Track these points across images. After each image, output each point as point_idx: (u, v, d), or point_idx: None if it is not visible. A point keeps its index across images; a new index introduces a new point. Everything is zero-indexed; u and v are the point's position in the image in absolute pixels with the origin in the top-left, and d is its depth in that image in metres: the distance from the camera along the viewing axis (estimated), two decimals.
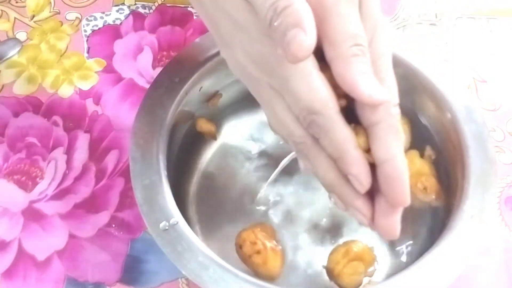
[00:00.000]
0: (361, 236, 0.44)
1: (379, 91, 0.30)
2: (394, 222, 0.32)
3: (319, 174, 0.33)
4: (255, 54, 0.32)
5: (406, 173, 0.31)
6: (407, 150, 0.45)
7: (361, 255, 0.42)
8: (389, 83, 0.33)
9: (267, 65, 0.32)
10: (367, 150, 0.32)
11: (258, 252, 0.41)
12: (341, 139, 0.31)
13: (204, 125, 0.49)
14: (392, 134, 0.31)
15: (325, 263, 0.43)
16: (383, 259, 0.44)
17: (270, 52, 0.31)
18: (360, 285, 0.42)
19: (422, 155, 0.45)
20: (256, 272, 0.41)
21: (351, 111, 0.32)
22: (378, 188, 0.32)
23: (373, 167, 0.32)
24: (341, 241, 0.45)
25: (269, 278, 0.41)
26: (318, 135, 0.32)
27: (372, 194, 0.33)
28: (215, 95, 0.49)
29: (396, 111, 0.32)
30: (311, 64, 0.31)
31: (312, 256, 0.45)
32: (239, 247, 0.42)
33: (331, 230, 0.46)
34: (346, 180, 0.32)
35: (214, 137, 0.50)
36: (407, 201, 0.32)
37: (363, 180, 0.32)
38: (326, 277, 0.43)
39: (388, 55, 0.33)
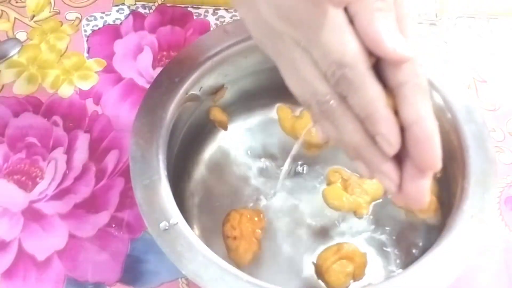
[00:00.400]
0: (356, 241, 0.45)
1: (404, 47, 0.29)
2: (423, 188, 0.31)
3: (344, 136, 0.31)
4: (282, 5, 0.31)
5: (436, 134, 0.30)
6: None
7: (352, 255, 0.42)
8: (412, 45, 0.31)
9: (295, 16, 0.30)
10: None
11: (234, 238, 0.43)
12: (371, 96, 0.30)
13: (217, 114, 0.49)
14: (420, 94, 0.30)
15: (314, 261, 0.43)
16: (375, 267, 0.44)
17: (300, 2, 0.30)
18: (346, 286, 0.42)
19: None
20: (227, 254, 0.43)
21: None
22: (406, 154, 0.30)
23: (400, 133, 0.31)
24: (333, 243, 0.45)
25: (235, 265, 0.42)
26: (346, 92, 0.30)
27: (399, 161, 0.31)
28: (221, 88, 0.49)
29: (422, 71, 0.31)
30: (342, 17, 0.30)
31: (302, 253, 0.45)
32: (222, 223, 0.44)
33: (325, 232, 0.46)
34: (373, 142, 0.31)
35: (225, 127, 0.50)
36: (438, 164, 0.30)
37: (393, 140, 0.30)
38: (313, 276, 0.43)
39: (409, 19, 0.32)
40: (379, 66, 0.31)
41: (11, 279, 0.45)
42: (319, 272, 0.43)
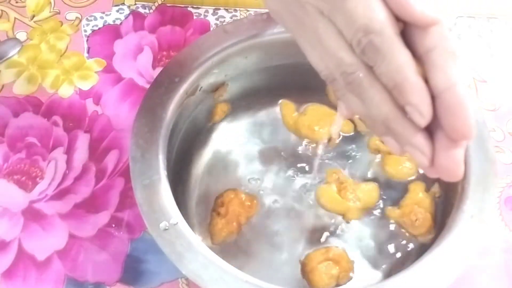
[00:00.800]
0: (346, 246, 0.45)
1: (432, 9, 0.28)
2: (457, 159, 0.29)
3: (372, 109, 0.30)
4: None
5: (469, 101, 0.28)
6: (414, 180, 0.46)
7: (338, 259, 0.43)
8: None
9: None
10: None
11: (218, 214, 0.45)
12: (400, 63, 0.28)
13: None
14: (450, 60, 0.28)
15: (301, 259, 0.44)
16: (361, 274, 0.44)
17: None
18: None
19: (428, 189, 0.46)
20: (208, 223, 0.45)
21: None
22: (437, 124, 0.29)
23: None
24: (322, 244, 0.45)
25: (210, 237, 0.45)
26: (373, 61, 0.29)
27: (430, 132, 0.30)
28: (222, 85, 0.49)
29: (451, 36, 0.29)
30: None
31: (287, 250, 0.45)
32: (216, 197, 0.46)
33: (315, 233, 0.46)
34: (403, 114, 0.29)
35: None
36: (472, 132, 0.28)
37: (424, 110, 0.28)
38: (297, 274, 0.44)
39: None
40: (405, 33, 0.29)
41: (11, 279, 0.45)
42: (304, 270, 0.43)
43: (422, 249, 0.42)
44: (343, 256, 0.43)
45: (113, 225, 0.48)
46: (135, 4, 0.61)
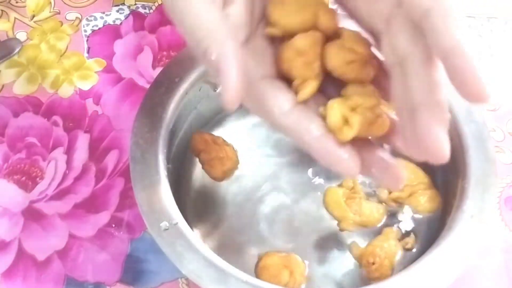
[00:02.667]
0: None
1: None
2: (440, 137, 0.30)
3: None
4: None
5: (476, 62, 0.27)
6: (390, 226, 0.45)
7: (293, 268, 0.42)
8: None
9: None
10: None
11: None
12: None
13: None
14: (450, 17, 0.27)
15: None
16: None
17: None
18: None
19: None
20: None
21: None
22: (416, 105, 0.29)
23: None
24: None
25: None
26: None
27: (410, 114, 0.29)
28: None
29: None
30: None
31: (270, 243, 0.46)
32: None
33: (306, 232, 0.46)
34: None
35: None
36: (487, 94, 0.27)
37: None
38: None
39: None
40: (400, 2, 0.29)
41: (11, 279, 0.45)
42: (257, 265, 0.43)
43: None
44: (300, 267, 0.43)
45: (113, 225, 0.48)
46: (135, 4, 0.61)
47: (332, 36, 0.32)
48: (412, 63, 0.29)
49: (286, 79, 0.32)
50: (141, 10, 0.60)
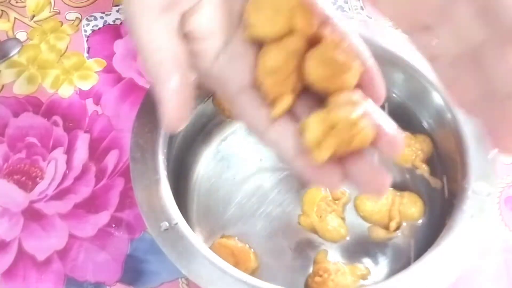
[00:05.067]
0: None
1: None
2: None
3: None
4: None
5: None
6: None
7: (238, 254, 0.43)
8: None
9: None
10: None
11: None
12: None
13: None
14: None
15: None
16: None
17: None
18: None
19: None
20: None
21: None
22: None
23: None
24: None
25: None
26: None
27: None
28: None
29: None
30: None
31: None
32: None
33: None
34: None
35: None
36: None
37: None
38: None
39: None
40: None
41: (11, 279, 0.45)
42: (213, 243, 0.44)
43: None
44: (246, 263, 0.43)
45: (113, 225, 0.48)
46: None
47: (312, 39, 0.31)
48: (491, 49, 0.26)
49: None
50: None
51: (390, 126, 0.30)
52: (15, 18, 0.60)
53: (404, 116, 0.49)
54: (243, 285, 0.37)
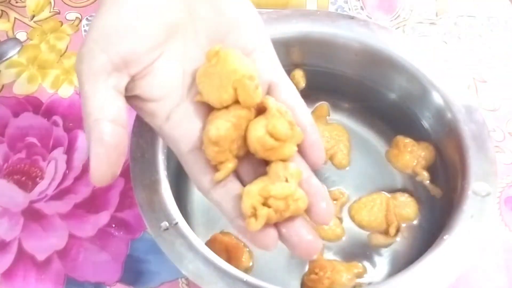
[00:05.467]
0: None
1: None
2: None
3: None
4: None
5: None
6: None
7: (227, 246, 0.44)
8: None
9: None
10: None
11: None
12: None
13: None
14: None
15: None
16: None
17: None
18: None
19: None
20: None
21: None
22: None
23: None
24: None
25: None
26: None
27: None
28: None
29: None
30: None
31: None
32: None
33: None
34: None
35: None
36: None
37: None
38: None
39: None
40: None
41: (11, 279, 0.45)
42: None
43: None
44: (239, 260, 0.43)
45: (113, 225, 0.48)
46: None
47: (259, 108, 0.33)
48: None
49: None
50: None
51: (322, 197, 0.32)
52: (15, 18, 0.60)
53: (405, 118, 0.49)
54: (243, 285, 0.37)
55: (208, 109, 0.33)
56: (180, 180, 0.47)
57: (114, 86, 0.31)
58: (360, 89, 0.50)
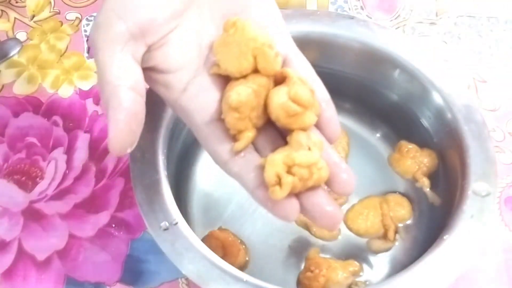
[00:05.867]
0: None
1: None
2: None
3: None
4: None
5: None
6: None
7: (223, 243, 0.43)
8: None
9: None
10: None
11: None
12: None
13: None
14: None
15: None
16: None
17: None
18: None
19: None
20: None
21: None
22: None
23: None
24: None
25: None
26: None
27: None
28: None
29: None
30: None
31: None
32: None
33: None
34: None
35: None
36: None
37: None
38: None
39: None
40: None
41: (11, 279, 0.45)
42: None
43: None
44: (234, 255, 0.43)
45: (113, 225, 0.48)
46: None
47: (277, 77, 0.33)
48: None
49: None
50: None
51: (342, 168, 0.32)
52: (15, 18, 0.60)
53: (405, 118, 0.49)
54: (243, 285, 0.37)
55: (224, 82, 0.33)
56: (180, 180, 0.47)
57: (131, 54, 0.31)
58: (360, 89, 0.50)
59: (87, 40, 0.58)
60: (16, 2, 0.61)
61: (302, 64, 0.34)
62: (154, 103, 0.44)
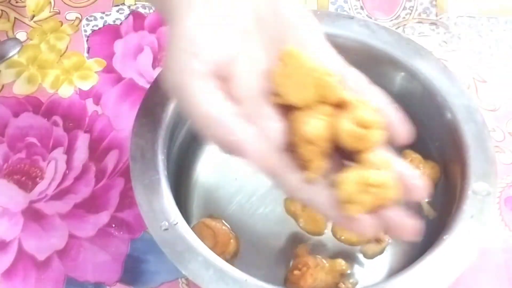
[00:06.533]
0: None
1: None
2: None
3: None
4: None
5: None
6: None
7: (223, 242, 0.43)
8: None
9: None
10: None
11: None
12: None
13: None
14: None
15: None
16: None
17: None
18: None
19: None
20: None
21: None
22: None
23: None
24: None
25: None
26: None
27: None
28: None
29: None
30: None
31: None
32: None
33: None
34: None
35: None
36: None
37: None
38: None
39: None
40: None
41: (11, 279, 0.45)
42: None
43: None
44: (224, 245, 0.43)
45: (113, 225, 0.48)
46: (135, 4, 0.61)
47: (339, 104, 0.33)
48: None
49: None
50: (141, 10, 0.60)
51: (413, 175, 0.34)
52: (15, 18, 0.60)
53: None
54: (243, 285, 0.37)
55: (284, 111, 0.34)
56: (180, 180, 0.47)
57: (213, 87, 0.33)
58: None
59: (87, 40, 0.58)
60: (16, 2, 0.61)
61: (355, 77, 0.36)
62: (154, 103, 0.44)
